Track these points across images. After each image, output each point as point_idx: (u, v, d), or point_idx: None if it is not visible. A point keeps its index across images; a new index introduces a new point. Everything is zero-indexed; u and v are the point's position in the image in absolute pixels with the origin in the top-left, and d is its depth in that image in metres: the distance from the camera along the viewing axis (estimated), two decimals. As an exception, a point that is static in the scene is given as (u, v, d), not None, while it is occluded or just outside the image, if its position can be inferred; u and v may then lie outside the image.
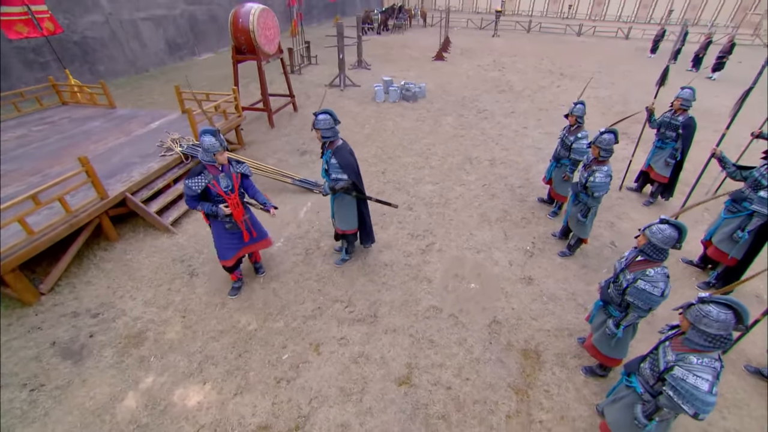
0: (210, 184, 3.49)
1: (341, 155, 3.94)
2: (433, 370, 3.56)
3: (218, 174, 3.53)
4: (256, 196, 3.89)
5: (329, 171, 4.03)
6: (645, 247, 2.84)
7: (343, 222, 4.35)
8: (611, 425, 2.74)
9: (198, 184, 3.45)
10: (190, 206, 3.60)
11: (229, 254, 3.93)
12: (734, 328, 2.12)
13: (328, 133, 3.83)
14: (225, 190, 3.57)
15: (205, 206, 3.57)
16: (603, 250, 5.17)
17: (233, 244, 3.92)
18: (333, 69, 13.69)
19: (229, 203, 3.62)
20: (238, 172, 3.69)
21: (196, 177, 3.45)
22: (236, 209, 3.69)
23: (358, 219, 4.39)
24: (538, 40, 22.07)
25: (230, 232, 3.84)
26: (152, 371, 3.52)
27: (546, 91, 12.18)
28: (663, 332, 2.58)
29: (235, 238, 3.90)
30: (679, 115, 5.49)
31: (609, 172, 4.21)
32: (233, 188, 3.63)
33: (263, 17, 7.93)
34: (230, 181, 3.61)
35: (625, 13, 28.27)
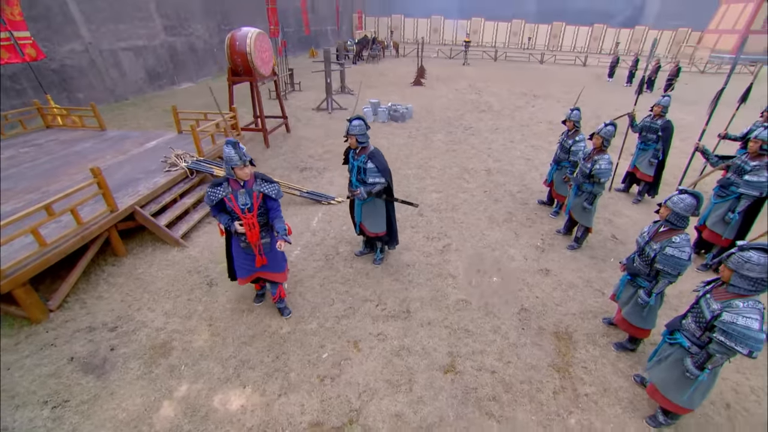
0: (226, 198, 3.24)
1: (378, 159, 4.07)
2: (475, 357, 3.59)
3: (238, 189, 3.26)
4: (275, 221, 3.42)
5: (366, 175, 4.08)
6: (670, 217, 3.09)
7: (374, 225, 4.42)
8: (659, 385, 2.86)
9: (215, 195, 3.24)
10: (213, 215, 3.46)
11: (241, 274, 3.69)
12: (770, 270, 2.34)
13: (362, 138, 3.97)
14: (241, 208, 3.27)
15: (222, 218, 3.36)
16: (606, 243, 5.47)
17: (246, 265, 3.63)
18: (317, 95, 14.03)
19: (243, 222, 3.30)
20: (260, 192, 3.33)
21: (215, 187, 3.26)
22: (251, 230, 3.35)
23: (386, 221, 4.47)
24: (505, 67, 23.58)
25: (244, 251, 3.56)
26: (185, 379, 3.35)
27: (523, 110, 12.97)
28: (698, 289, 2.77)
29: (248, 259, 3.59)
30: (658, 119, 6.05)
31: (610, 159, 4.61)
32: (252, 207, 3.31)
33: (259, 41, 8.17)
34: (249, 200, 3.29)
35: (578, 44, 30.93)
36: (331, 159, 8.24)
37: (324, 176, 7.40)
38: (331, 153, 8.60)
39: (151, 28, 15.04)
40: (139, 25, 14.42)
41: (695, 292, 2.81)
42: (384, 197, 4.28)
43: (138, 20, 14.34)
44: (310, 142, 9.32)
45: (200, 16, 17.75)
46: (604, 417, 3.09)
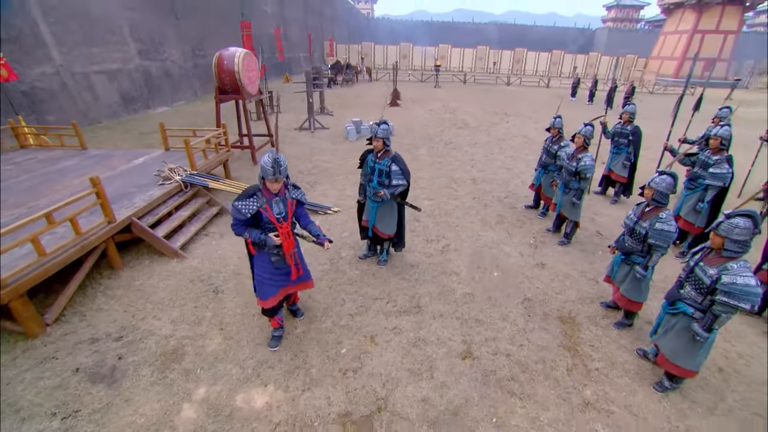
0: (262, 209, 3.06)
1: (401, 162, 4.27)
2: (489, 343, 3.72)
3: (272, 198, 3.10)
4: (309, 226, 3.36)
5: (390, 178, 4.24)
6: (655, 195, 3.44)
7: (388, 227, 4.56)
8: (669, 355, 3.09)
9: (248, 208, 3.01)
10: (236, 232, 3.12)
11: (270, 292, 3.37)
12: (753, 233, 2.66)
13: (388, 141, 4.19)
14: (277, 217, 3.11)
15: (253, 233, 3.08)
16: (592, 238, 5.83)
17: (277, 281, 3.38)
18: (297, 116, 14.22)
19: (280, 233, 3.14)
20: (294, 198, 3.23)
21: (247, 199, 3.03)
22: (287, 240, 3.21)
23: (398, 223, 4.63)
24: (475, 89, 24.78)
25: (275, 267, 3.32)
26: (203, 382, 3.27)
27: (498, 126, 13.66)
28: (688, 260, 3.05)
29: (280, 274, 3.37)
30: (628, 125, 6.63)
31: (592, 156, 5.06)
32: (286, 216, 3.18)
33: (246, 60, 8.34)
34: (284, 208, 3.16)
35: (540, 68, 33.13)
36: (320, 174, 8.37)
37: (316, 189, 7.49)
38: (318, 168, 8.73)
39: (126, 52, 14.92)
40: (113, 49, 14.28)
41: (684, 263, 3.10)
42: (398, 199, 4.45)
43: (112, 44, 14.21)
44: (296, 159, 9.41)
45: (174, 41, 17.78)
46: (615, 387, 3.28)
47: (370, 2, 77.08)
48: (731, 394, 3.27)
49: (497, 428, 2.91)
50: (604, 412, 3.06)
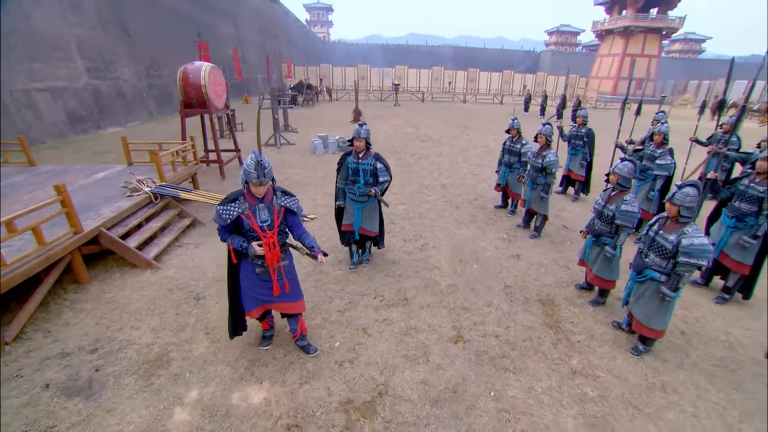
0: (244, 215, 2.83)
1: (383, 160, 4.41)
2: (478, 327, 3.86)
3: (256, 204, 2.86)
4: (304, 237, 3.10)
5: (376, 175, 4.36)
6: (620, 180, 3.80)
7: (373, 225, 4.64)
8: (643, 319, 3.37)
9: (229, 213, 2.80)
10: (221, 237, 2.96)
11: (251, 305, 3.16)
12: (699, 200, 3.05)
13: (370, 141, 4.33)
14: (261, 225, 2.86)
15: (235, 240, 2.89)
16: (560, 231, 6.23)
17: (259, 294, 3.13)
18: (262, 133, 14.10)
19: (263, 242, 2.88)
20: (281, 206, 2.96)
21: (229, 204, 2.83)
22: (271, 251, 2.92)
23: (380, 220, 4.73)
24: (433, 107, 25.77)
25: (260, 278, 3.07)
26: (194, 385, 3.14)
27: (459, 138, 14.29)
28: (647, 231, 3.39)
29: (263, 287, 3.11)
30: (582, 128, 7.24)
31: (555, 153, 5.48)
32: (272, 224, 2.91)
33: (213, 74, 8.28)
34: (269, 215, 2.89)
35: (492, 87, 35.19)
36: (291, 185, 8.32)
37: (290, 198, 7.44)
38: (290, 180, 8.69)
39: (73, 69, 14.21)
40: (59, 66, 13.56)
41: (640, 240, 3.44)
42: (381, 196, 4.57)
43: (57, 60, 13.49)
44: (265, 171, 9.31)
45: (127, 60, 17.19)
46: (597, 355, 3.51)
47: (326, 26, 78.78)
48: (694, 351, 3.61)
49: (496, 401, 3.01)
50: (590, 377, 3.26)
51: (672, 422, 2.87)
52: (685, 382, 3.24)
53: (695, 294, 4.58)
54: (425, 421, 2.83)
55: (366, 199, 4.52)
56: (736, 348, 3.68)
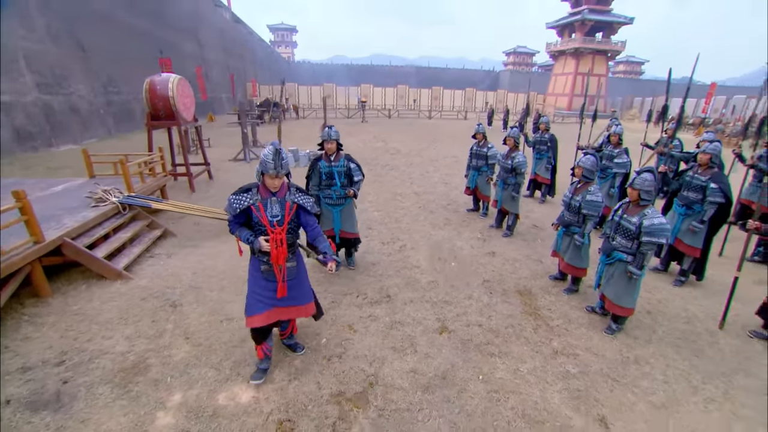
0: (254, 206, 2.71)
1: (355, 160, 4.49)
2: (461, 318, 3.95)
3: (269, 197, 2.75)
4: (318, 241, 2.95)
5: (352, 176, 4.45)
6: (584, 173, 4.10)
7: (352, 226, 4.70)
8: (614, 299, 3.60)
9: (240, 202, 2.69)
10: (231, 228, 2.83)
11: (256, 309, 2.89)
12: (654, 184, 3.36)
13: (340, 142, 4.40)
14: (270, 220, 2.73)
15: (243, 233, 2.75)
16: (530, 230, 6.53)
17: (264, 297, 2.91)
18: (229, 150, 13.87)
19: (270, 238, 2.74)
20: (294, 202, 2.83)
21: (242, 194, 2.73)
22: (278, 248, 2.77)
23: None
24: (400, 123, 26.39)
25: (264, 278, 2.90)
26: (176, 389, 3.00)
27: (428, 150, 14.69)
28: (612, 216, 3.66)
29: (268, 289, 2.91)
30: (545, 133, 7.70)
31: (523, 154, 5.78)
32: (282, 220, 2.78)
33: (181, 86, 8.16)
34: (281, 211, 2.77)
35: (456, 104, 36.52)
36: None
37: (264, 208, 7.35)
38: (262, 191, 8.58)
39: (21, 84, 13.48)
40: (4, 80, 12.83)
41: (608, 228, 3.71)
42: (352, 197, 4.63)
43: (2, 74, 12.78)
44: (236, 186, 9.09)
45: (81, 75, 16.51)
46: (575, 336, 3.69)
47: (291, 47, 79.37)
48: (659, 327, 3.89)
49: (485, 383, 3.09)
50: (571, 356, 3.42)
51: (646, 389, 3.06)
52: (654, 354, 3.47)
53: (656, 279, 4.92)
54: (418, 406, 2.86)
55: (343, 202, 4.58)
56: (694, 322, 4.00)
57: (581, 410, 2.84)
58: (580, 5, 40.40)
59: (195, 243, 5.74)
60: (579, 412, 2.82)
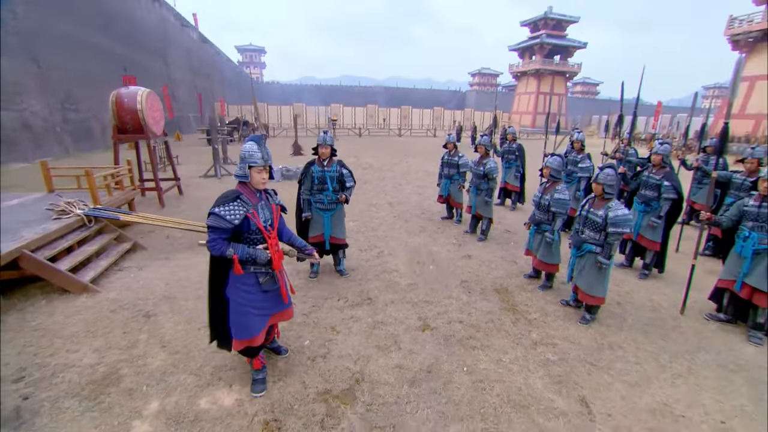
0: (250, 214, 2.49)
1: (347, 166, 4.53)
2: (442, 316, 4.02)
3: (258, 202, 2.58)
4: (294, 239, 2.92)
5: (344, 181, 4.49)
6: (552, 173, 4.34)
7: (342, 231, 4.73)
8: (586, 289, 3.78)
9: (235, 213, 2.41)
10: (214, 249, 2.44)
11: (259, 324, 2.70)
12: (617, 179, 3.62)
13: (335, 148, 4.45)
14: (264, 225, 2.57)
15: (239, 249, 2.48)
16: (503, 234, 6.77)
17: (265, 308, 2.72)
18: (197, 167, 13.55)
19: (269, 244, 2.59)
20: (278, 204, 2.79)
21: (231, 203, 2.43)
22: (276, 252, 2.66)
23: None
24: (371, 141, 26.80)
25: (263, 291, 2.68)
26: (153, 397, 2.86)
27: (400, 165, 14.97)
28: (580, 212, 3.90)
29: (268, 300, 2.72)
30: (513, 143, 8.09)
31: (494, 161, 6.04)
32: (273, 223, 2.67)
33: (150, 99, 8.00)
34: (270, 214, 2.64)
35: (424, 122, 37.61)
36: (238, 208, 8.09)
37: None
38: (235, 205, 8.43)
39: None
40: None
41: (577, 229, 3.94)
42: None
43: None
44: (208, 200, 8.89)
45: (36, 91, 15.79)
46: (552, 327, 3.83)
47: (259, 68, 79.42)
48: (629, 316, 4.11)
49: (470, 374, 3.14)
50: (550, 345, 3.54)
51: (621, 370, 3.21)
52: (626, 340, 3.65)
53: (623, 274, 5.21)
54: (406, 399, 2.86)
55: (334, 207, 4.61)
56: (659, 310, 4.27)
57: (563, 393, 2.94)
58: (539, 30, 43.35)
59: (167, 255, 5.55)
60: (561, 395, 2.92)
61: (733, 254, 3.83)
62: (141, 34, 23.71)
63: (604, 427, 2.63)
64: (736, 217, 3.75)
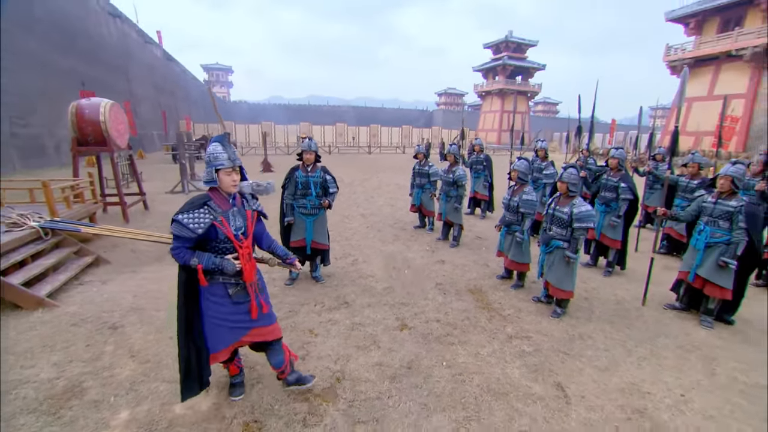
0: (218, 222, 2.30)
1: (330, 173, 4.58)
2: (419, 316, 4.07)
3: (228, 209, 2.39)
4: (274, 247, 2.71)
5: (327, 188, 4.54)
6: (520, 175, 4.56)
7: (324, 237, 4.73)
8: (556, 283, 3.97)
9: (199, 221, 2.24)
10: (178, 257, 2.30)
11: (226, 340, 2.49)
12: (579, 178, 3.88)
13: (319, 154, 4.51)
14: (236, 234, 2.39)
15: (204, 258, 2.30)
16: (474, 241, 6.97)
17: (236, 322, 2.51)
18: (163, 184, 13.14)
19: (240, 254, 2.39)
20: (254, 210, 2.57)
21: (196, 210, 2.26)
22: (248, 263, 2.44)
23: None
24: (341, 158, 26.91)
25: (234, 302, 2.47)
26: (122, 407, 2.71)
27: (371, 180, 15.13)
28: (547, 210, 4.13)
29: (239, 312, 2.50)
30: (481, 154, 8.43)
31: (462, 168, 6.29)
32: (246, 232, 2.46)
33: (114, 111, 7.76)
34: (243, 222, 2.45)
35: (393, 140, 38.26)
36: (208, 222, 7.88)
37: (207, 233, 7.03)
38: (204, 219, 8.21)
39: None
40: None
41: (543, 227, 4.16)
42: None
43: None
44: (174, 214, 8.65)
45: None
46: (526, 322, 3.97)
47: (226, 87, 78.58)
48: (596, 309, 4.34)
49: (449, 368, 3.19)
50: (524, 338, 3.66)
51: (591, 357, 3.38)
52: (594, 330, 3.84)
53: (589, 272, 5.50)
54: (387, 394, 2.86)
55: (317, 212, 4.62)
56: (623, 302, 4.54)
57: (539, 380, 3.04)
58: (501, 52, 46.05)
59: (134, 269, 5.31)
60: (538, 382, 3.02)
61: (690, 247, 4.15)
62: (101, 49, 23.01)
63: (579, 408, 2.74)
64: (696, 212, 4.09)
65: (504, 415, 2.66)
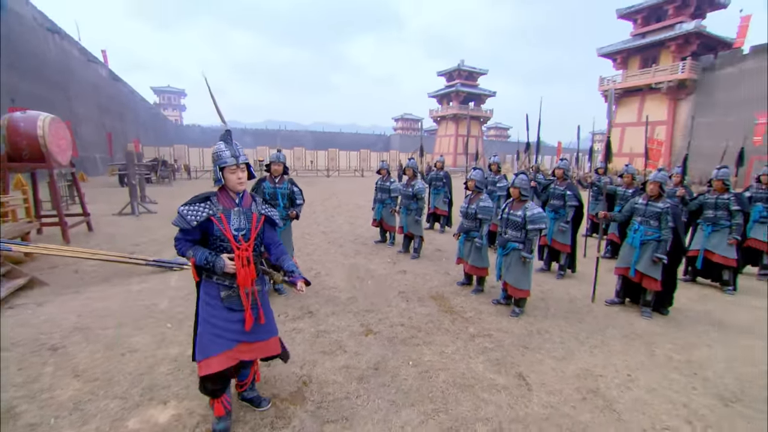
0: (215, 218, 2.23)
1: (297, 184, 4.62)
2: (383, 321, 4.11)
3: (232, 208, 2.30)
4: (282, 259, 2.51)
5: (295, 199, 4.58)
6: (477, 184, 4.83)
7: (291, 249, 4.79)
8: (514, 283, 4.20)
9: (196, 214, 2.19)
10: (177, 248, 2.27)
11: (215, 348, 2.25)
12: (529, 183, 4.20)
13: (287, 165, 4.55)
14: (234, 234, 2.27)
15: (198, 253, 2.22)
16: (435, 252, 7.17)
17: (226, 331, 2.30)
18: (109, 206, 12.33)
19: (236, 255, 2.25)
20: (262, 213, 2.43)
21: (198, 203, 2.23)
22: (245, 268, 2.27)
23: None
24: (300, 180, 26.33)
25: (225, 307, 2.30)
26: (65, 428, 2.48)
27: (331, 200, 15.15)
28: (501, 215, 4.40)
29: (231, 321, 2.31)
30: (441, 171, 8.78)
31: (421, 182, 6.51)
32: (248, 234, 2.33)
33: (54, 125, 7.33)
34: (247, 223, 2.33)
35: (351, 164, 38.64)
36: (164, 243, 7.46)
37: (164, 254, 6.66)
38: (163, 238, 7.77)
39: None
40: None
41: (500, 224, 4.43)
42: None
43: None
44: (125, 237, 8.11)
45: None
46: (487, 322, 4.13)
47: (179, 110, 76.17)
48: (551, 307, 4.62)
49: (416, 367, 3.24)
50: (486, 336, 3.80)
51: (549, 349, 3.58)
52: (551, 325, 4.08)
53: (543, 276, 5.85)
54: (356, 394, 2.85)
55: (284, 224, 4.59)
56: (575, 301, 4.88)
57: (502, 372, 3.17)
58: (454, 79, 48.86)
59: (76, 290, 4.92)
60: (500, 374, 3.14)
61: (625, 245, 4.58)
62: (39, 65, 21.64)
63: (540, 393, 2.88)
64: (629, 212, 4.53)
65: (471, 405, 2.74)
